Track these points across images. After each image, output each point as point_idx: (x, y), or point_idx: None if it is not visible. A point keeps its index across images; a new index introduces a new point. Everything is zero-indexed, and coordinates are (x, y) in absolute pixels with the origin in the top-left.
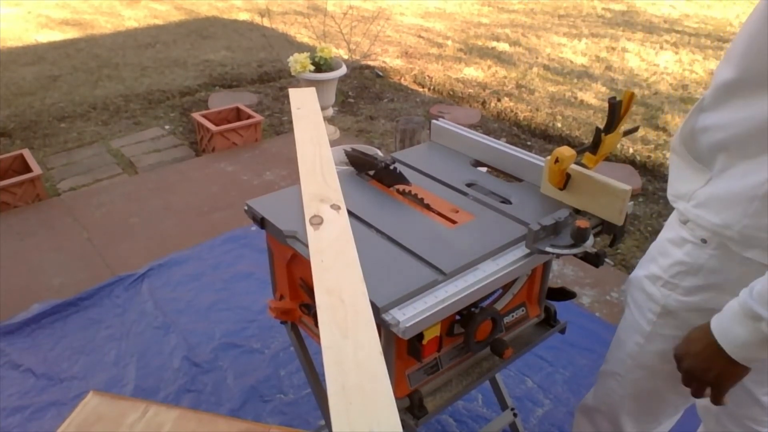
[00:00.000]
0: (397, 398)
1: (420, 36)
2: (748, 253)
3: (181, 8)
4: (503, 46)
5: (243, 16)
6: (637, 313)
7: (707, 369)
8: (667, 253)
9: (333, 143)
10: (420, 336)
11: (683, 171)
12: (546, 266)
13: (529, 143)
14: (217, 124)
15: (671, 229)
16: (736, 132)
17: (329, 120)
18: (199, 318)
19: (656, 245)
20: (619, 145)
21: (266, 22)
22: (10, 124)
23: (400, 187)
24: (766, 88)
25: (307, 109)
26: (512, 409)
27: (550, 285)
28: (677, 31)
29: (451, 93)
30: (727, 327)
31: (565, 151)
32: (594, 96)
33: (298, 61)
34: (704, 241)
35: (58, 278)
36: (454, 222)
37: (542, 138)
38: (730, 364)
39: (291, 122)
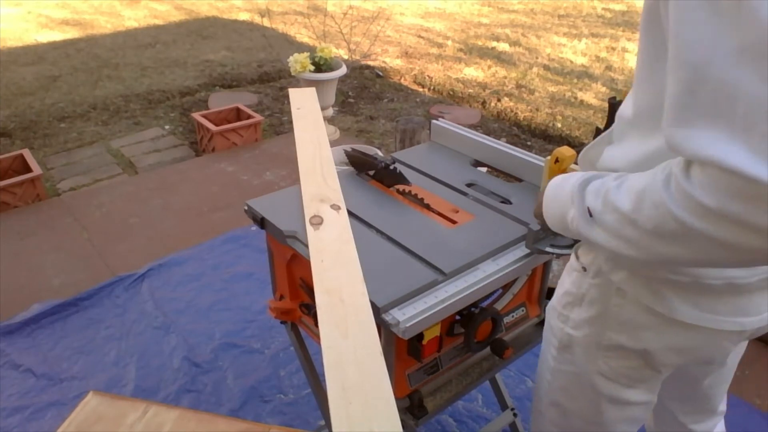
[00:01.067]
0: (397, 398)
1: (420, 36)
2: (615, 276)
3: (181, 8)
4: (503, 46)
5: (243, 16)
6: (545, 347)
7: (540, 214)
8: (561, 282)
9: (333, 143)
10: (420, 336)
11: None
12: (546, 266)
13: (529, 143)
14: (217, 124)
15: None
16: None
17: (329, 120)
18: (199, 318)
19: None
20: None
21: (266, 22)
22: (10, 124)
23: (400, 187)
24: (652, 129)
25: (307, 109)
26: (512, 409)
27: (550, 285)
28: None
29: (451, 93)
30: (554, 196)
31: (565, 151)
32: (594, 96)
33: (298, 61)
34: (584, 269)
35: (58, 278)
36: (454, 222)
37: (542, 138)
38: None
39: (291, 122)
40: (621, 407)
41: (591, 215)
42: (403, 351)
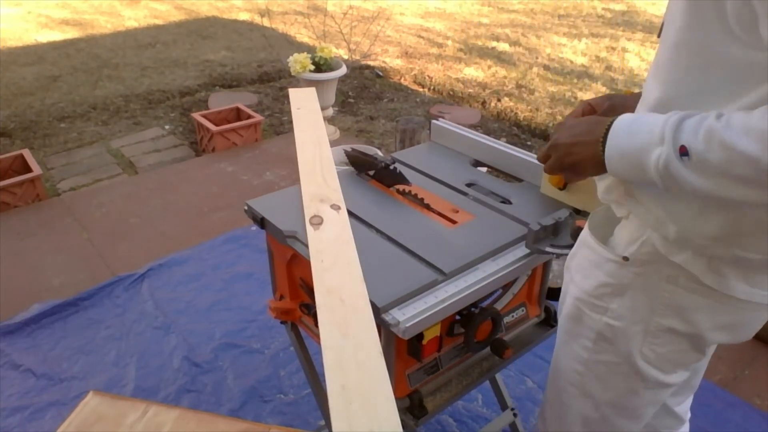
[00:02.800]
0: (397, 398)
1: (420, 36)
2: (677, 257)
3: (181, 8)
4: (503, 46)
5: (243, 16)
6: (571, 340)
7: (572, 153)
8: (588, 273)
9: (333, 143)
10: (420, 336)
11: None
12: (546, 266)
13: (529, 143)
14: (217, 124)
15: (587, 247)
16: None
17: (329, 120)
18: (199, 318)
19: (576, 264)
20: None
21: (266, 22)
22: (10, 124)
23: (400, 187)
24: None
25: (307, 109)
26: (512, 409)
27: (550, 285)
28: None
29: (451, 93)
30: (629, 131)
31: None
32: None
33: (298, 61)
34: (626, 258)
35: (58, 278)
36: (454, 222)
37: (542, 138)
38: (594, 160)
39: (291, 122)
40: (657, 391)
41: (687, 154)
42: (403, 351)
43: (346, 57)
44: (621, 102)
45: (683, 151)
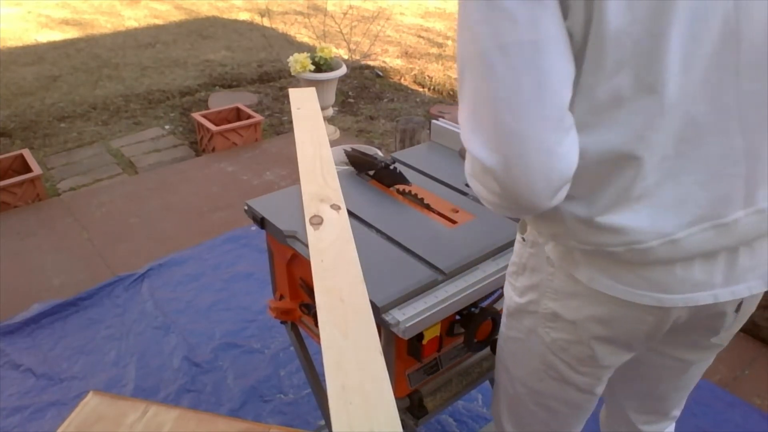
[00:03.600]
0: (397, 398)
1: (420, 36)
2: (546, 246)
3: (181, 8)
4: None
5: (243, 16)
6: (502, 316)
7: None
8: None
9: (333, 143)
10: (420, 336)
11: None
12: None
13: None
14: (217, 124)
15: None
16: None
17: (329, 120)
18: (199, 318)
19: None
20: None
21: (266, 22)
22: (10, 124)
23: (400, 187)
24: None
25: (307, 109)
26: None
27: None
28: None
29: (451, 93)
30: None
31: None
32: None
33: (298, 61)
34: (524, 239)
35: (58, 278)
36: (454, 222)
37: None
38: None
39: (291, 122)
40: (563, 386)
41: None
42: (403, 351)
43: (346, 57)
44: None
45: None
